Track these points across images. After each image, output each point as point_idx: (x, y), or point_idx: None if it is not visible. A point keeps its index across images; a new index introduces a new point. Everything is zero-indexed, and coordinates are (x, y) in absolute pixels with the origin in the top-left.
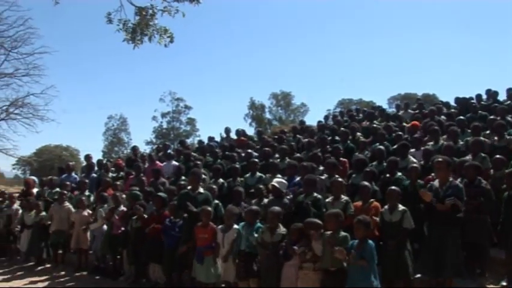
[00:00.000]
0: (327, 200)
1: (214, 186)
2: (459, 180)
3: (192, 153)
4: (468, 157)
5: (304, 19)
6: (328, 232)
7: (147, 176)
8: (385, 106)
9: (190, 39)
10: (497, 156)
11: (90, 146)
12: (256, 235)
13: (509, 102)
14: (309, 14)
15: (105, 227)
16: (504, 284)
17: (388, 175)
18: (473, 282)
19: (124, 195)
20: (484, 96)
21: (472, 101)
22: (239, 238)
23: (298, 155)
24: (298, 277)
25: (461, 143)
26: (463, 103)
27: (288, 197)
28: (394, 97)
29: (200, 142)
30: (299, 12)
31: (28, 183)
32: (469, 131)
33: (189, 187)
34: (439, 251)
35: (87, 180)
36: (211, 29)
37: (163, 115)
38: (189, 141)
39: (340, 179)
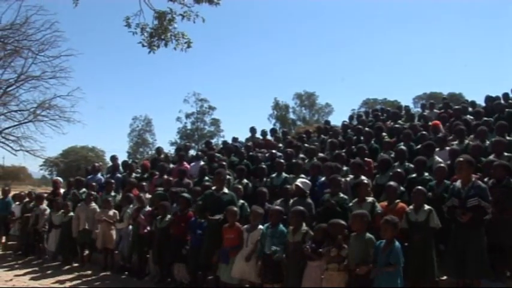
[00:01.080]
0: (353, 201)
1: (239, 187)
2: (486, 179)
3: (216, 154)
4: (492, 157)
5: (328, 18)
6: (354, 233)
7: (173, 176)
8: (410, 105)
9: (214, 40)
10: None
11: (116, 147)
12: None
13: None
14: (332, 13)
15: (130, 227)
16: None
17: (414, 175)
18: (503, 284)
19: (148, 196)
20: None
21: (499, 101)
22: (263, 238)
23: (322, 155)
24: (322, 278)
25: (488, 142)
26: (491, 102)
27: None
28: (419, 96)
29: (225, 143)
30: (323, 12)
31: (56, 183)
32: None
33: (213, 187)
34: (464, 252)
35: (113, 181)
36: (235, 29)
37: (188, 116)
38: (213, 141)
39: (366, 181)
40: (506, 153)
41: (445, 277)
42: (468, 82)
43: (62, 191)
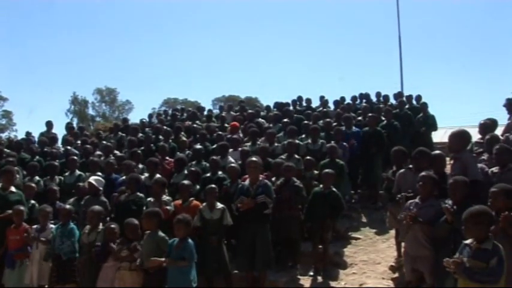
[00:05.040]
0: (148, 199)
1: (32, 185)
2: (273, 179)
3: (5, 150)
4: (283, 157)
5: (133, 15)
6: (147, 232)
7: None
8: (209, 107)
9: (9, 28)
10: (308, 157)
11: None
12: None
13: (321, 108)
14: (138, 11)
15: None
16: (311, 273)
17: (209, 174)
18: (286, 274)
19: None
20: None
21: (289, 107)
22: (52, 239)
23: (117, 152)
24: (115, 278)
25: (278, 145)
26: (281, 107)
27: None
28: (218, 98)
29: (28, 133)
30: (128, 8)
31: None
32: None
33: None
34: (252, 246)
35: None
36: (34, 18)
37: None
38: (4, 135)
39: (161, 178)
40: (296, 156)
41: (235, 271)
42: (263, 87)
43: None
